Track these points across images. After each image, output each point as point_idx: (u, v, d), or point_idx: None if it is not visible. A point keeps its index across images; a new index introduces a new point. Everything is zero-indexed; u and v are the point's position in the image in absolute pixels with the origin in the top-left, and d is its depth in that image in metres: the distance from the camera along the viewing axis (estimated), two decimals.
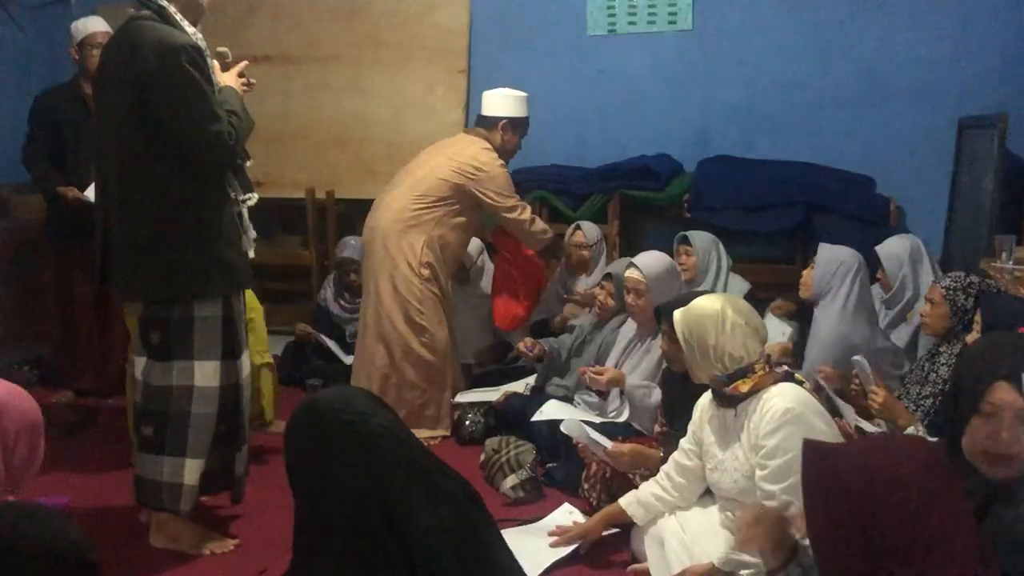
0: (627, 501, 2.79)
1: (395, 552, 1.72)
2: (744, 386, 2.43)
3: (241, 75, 2.98)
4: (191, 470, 2.83)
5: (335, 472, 1.75)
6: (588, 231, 4.50)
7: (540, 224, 4.19)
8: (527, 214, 4.11)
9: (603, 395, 3.58)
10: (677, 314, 2.57)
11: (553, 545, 2.87)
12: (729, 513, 2.54)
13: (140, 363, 2.89)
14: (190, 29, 2.78)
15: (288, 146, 5.57)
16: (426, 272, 3.95)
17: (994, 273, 3.52)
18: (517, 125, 4.10)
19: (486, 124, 4.10)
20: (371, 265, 4.01)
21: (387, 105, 5.54)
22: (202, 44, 2.79)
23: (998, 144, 4.08)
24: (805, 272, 3.65)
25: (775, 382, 2.43)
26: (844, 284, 3.45)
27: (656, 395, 3.37)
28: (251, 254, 2.99)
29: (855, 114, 5.06)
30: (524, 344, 3.94)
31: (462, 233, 4.09)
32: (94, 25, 4.23)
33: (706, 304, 2.51)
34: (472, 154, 4.01)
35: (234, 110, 2.80)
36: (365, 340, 4.01)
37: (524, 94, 4.16)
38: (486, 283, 4.63)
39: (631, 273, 3.51)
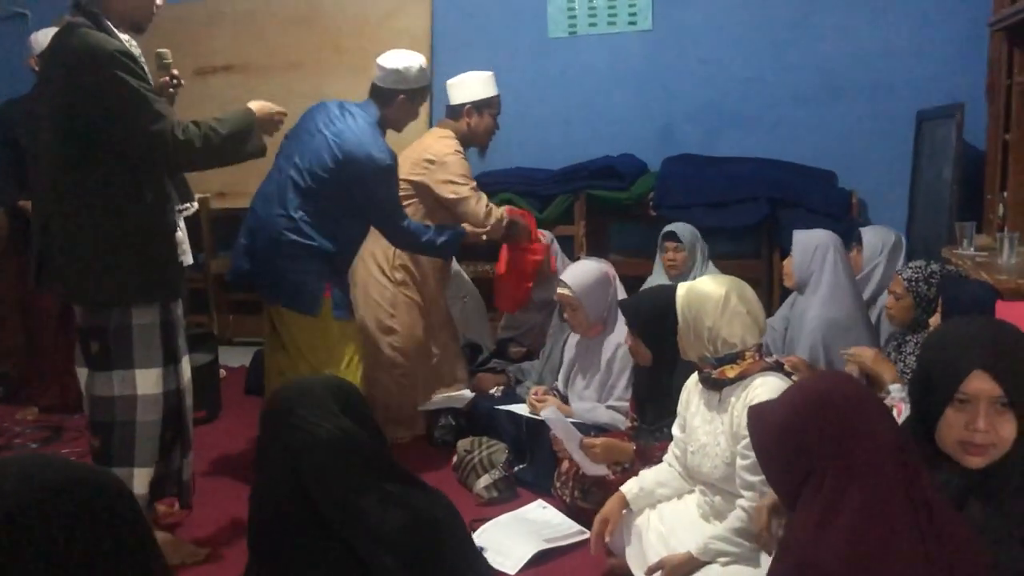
0: (628, 488, 2.70)
1: (344, 556, 1.72)
2: (731, 372, 2.43)
3: (172, 76, 2.96)
4: (140, 480, 2.80)
5: (274, 472, 1.75)
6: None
7: (496, 213, 3.96)
8: (482, 206, 3.89)
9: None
10: (681, 288, 2.56)
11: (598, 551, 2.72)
12: (708, 499, 2.54)
13: (83, 375, 2.87)
14: (124, 37, 2.74)
15: None
16: (399, 275, 3.92)
17: (956, 260, 3.56)
18: (484, 106, 4.01)
19: (452, 114, 4.05)
20: None
21: None
22: (136, 51, 2.75)
23: (956, 134, 4.14)
24: (785, 262, 3.68)
25: (762, 371, 2.43)
26: (825, 265, 3.49)
27: (600, 412, 3.39)
28: (188, 260, 2.99)
29: (815, 110, 5.12)
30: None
31: None
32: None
33: (712, 286, 2.50)
34: (426, 146, 3.96)
35: (217, 128, 2.73)
36: None
37: (486, 73, 4.05)
38: (459, 283, 4.63)
39: (561, 291, 3.49)
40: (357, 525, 1.73)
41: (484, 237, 3.93)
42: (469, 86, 4.02)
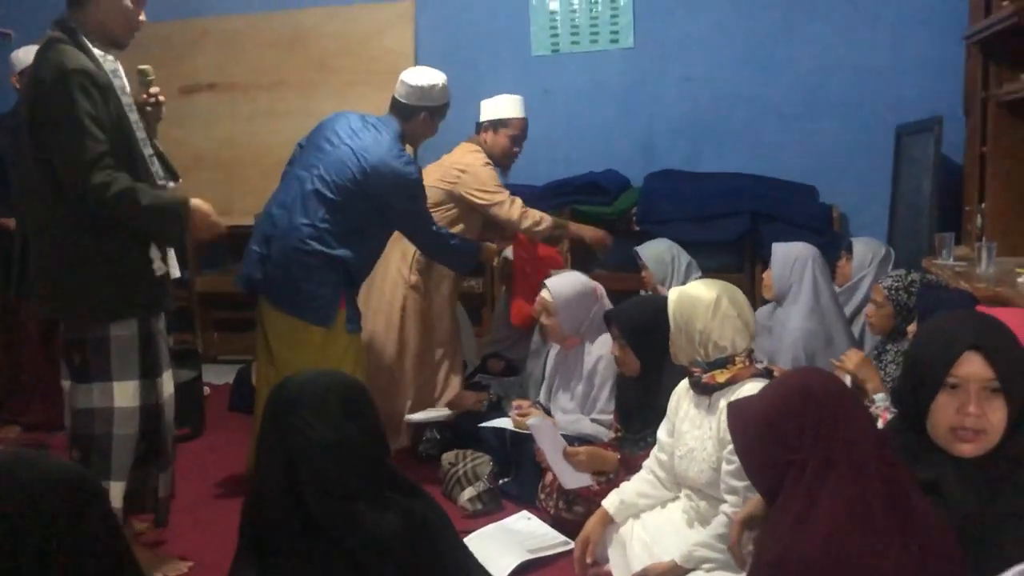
0: (611, 502, 2.71)
1: (340, 560, 1.72)
2: (721, 376, 2.43)
3: (150, 95, 2.93)
4: (115, 493, 2.77)
5: (270, 472, 1.75)
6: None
7: (533, 215, 4.10)
8: (516, 208, 4.03)
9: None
10: (673, 293, 2.57)
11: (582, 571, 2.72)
12: (693, 504, 2.54)
13: (67, 387, 2.87)
14: (98, 52, 2.73)
15: (237, 173, 5.56)
16: (414, 279, 3.92)
17: (936, 270, 3.60)
18: (500, 125, 4.12)
19: (477, 130, 4.20)
20: None
21: None
22: (110, 67, 2.74)
23: (934, 147, 4.19)
24: (765, 274, 3.71)
25: (752, 377, 2.43)
26: (804, 278, 3.52)
27: (584, 424, 3.41)
28: (175, 273, 2.96)
29: (795, 125, 5.18)
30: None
31: None
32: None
33: (703, 289, 2.51)
34: (457, 158, 4.08)
35: (143, 191, 2.66)
36: None
37: (513, 96, 4.18)
38: None
39: (543, 293, 3.53)
40: (353, 530, 1.72)
41: (499, 257, 4.02)
42: (491, 105, 4.16)
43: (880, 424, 2.72)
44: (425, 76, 3.52)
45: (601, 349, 3.44)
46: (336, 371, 1.98)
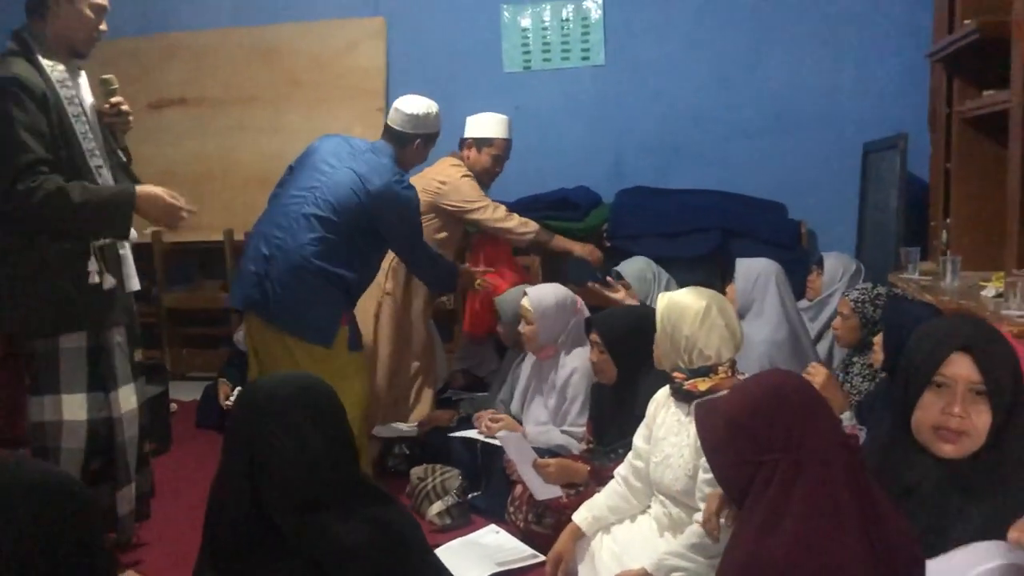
0: (581, 517, 2.71)
1: (306, 570, 1.70)
2: (703, 384, 2.44)
3: (112, 104, 2.92)
4: None
5: (233, 482, 1.73)
6: None
7: (516, 219, 4.22)
8: (500, 212, 4.18)
9: None
10: (662, 299, 2.57)
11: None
12: (666, 510, 2.54)
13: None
14: (47, 63, 2.70)
15: (206, 188, 5.52)
16: (389, 285, 3.94)
17: (901, 284, 3.65)
18: (483, 144, 4.26)
19: (460, 146, 4.32)
20: None
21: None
22: (59, 77, 2.71)
23: (900, 164, 4.24)
24: (728, 288, 3.73)
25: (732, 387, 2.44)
26: (767, 293, 3.54)
27: (553, 434, 3.41)
28: (133, 285, 2.95)
29: (764, 143, 5.23)
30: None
31: (440, 250, 4.00)
32: None
33: (693, 297, 2.52)
34: (438, 171, 4.18)
35: (84, 188, 2.66)
36: None
37: (500, 116, 4.30)
38: None
39: (523, 301, 3.56)
40: (318, 541, 1.70)
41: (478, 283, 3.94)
42: (475, 122, 4.28)
43: None
44: (420, 105, 3.55)
45: (575, 362, 3.45)
46: (306, 375, 1.94)
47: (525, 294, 3.60)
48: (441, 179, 4.11)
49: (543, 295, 3.55)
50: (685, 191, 5.18)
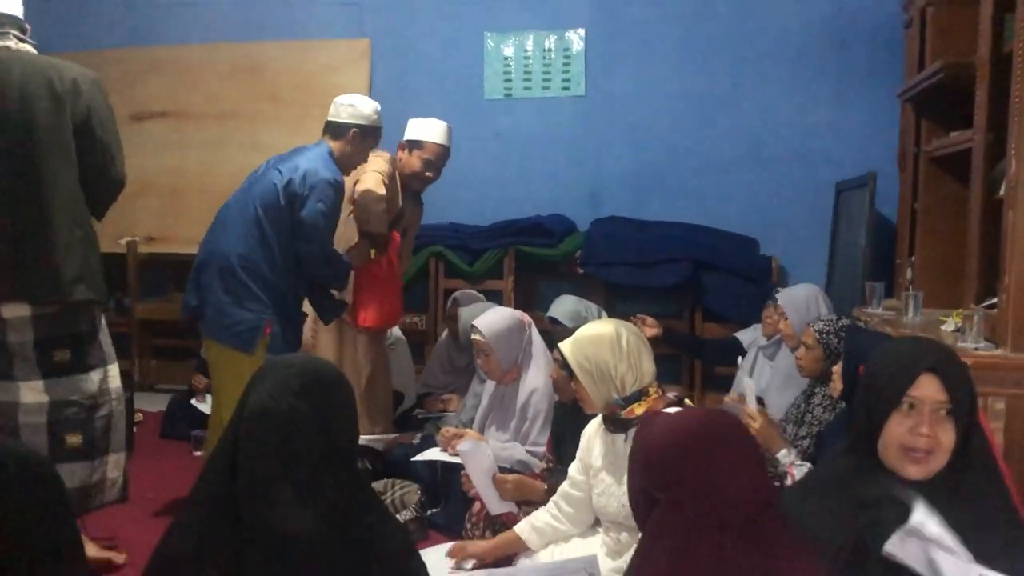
0: (522, 527, 2.76)
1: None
2: (639, 409, 2.45)
3: None
4: None
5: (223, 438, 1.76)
6: None
7: (381, 204, 3.81)
8: (376, 191, 3.76)
9: None
10: (566, 345, 2.57)
11: (450, 554, 2.81)
12: (614, 535, 2.55)
13: None
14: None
15: (183, 201, 5.53)
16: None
17: (865, 318, 3.69)
18: (414, 146, 4.06)
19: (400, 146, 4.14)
20: None
21: None
22: None
23: (868, 202, 4.30)
24: (783, 324, 3.72)
25: (667, 406, 2.43)
26: (822, 314, 3.55)
27: (517, 450, 3.41)
28: None
29: (739, 178, 5.29)
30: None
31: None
32: None
33: (599, 327, 2.55)
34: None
35: None
36: None
37: (440, 123, 4.11)
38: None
39: (475, 336, 3.54)
40: (259, 510, 1.65)
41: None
42: (413, 125, 4.14)
43: (788, 480, 2.76)
44: (356, 97, 3.60)
45: (535, 382, 3.46)
46: (321, 359, 1.94)
47: (474, 327, 3.54)
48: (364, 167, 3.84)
49: (492, 323, 3.52)
50: (659, 223, 5.24)
